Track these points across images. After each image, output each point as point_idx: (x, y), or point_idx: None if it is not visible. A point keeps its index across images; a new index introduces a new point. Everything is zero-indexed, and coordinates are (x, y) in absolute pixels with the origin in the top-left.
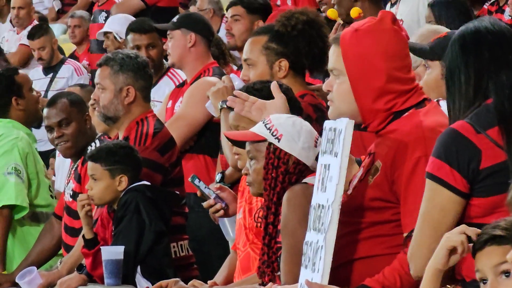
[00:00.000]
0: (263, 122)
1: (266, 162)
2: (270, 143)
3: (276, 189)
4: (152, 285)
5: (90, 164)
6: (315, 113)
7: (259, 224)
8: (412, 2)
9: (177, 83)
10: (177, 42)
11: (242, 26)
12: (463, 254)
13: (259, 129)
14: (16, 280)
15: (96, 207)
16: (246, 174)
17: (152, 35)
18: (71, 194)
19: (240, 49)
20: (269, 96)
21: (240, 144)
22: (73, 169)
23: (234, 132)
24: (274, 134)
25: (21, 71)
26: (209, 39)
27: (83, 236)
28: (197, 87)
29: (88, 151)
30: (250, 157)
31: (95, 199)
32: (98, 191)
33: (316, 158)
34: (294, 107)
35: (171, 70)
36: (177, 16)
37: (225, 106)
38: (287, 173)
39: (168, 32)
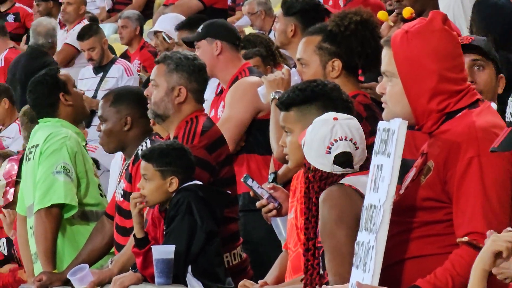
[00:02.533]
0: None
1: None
2: None
3: (310, 195)
4: (203, 285)
5: (143, 163)
6: (365, 112)
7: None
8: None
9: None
10: (205, 52)
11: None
12: (508, 258)
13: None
14: (68, 277)
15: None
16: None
17: None
18: (122, 193)
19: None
20: (312, 96)
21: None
22: (125, 168)
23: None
24: (303, 139)
25: (61, 70)
26: (235, 43)
27: (134, 235)
28: (237, 88)
29: (141, 150)
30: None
31: (146, 199)
32: (149, 191)
33: (336, 162)
34: (343, 107)
35: None
36: (201, 26)
37: (277, 97)
38: (309, 182)
39: (195, 43)
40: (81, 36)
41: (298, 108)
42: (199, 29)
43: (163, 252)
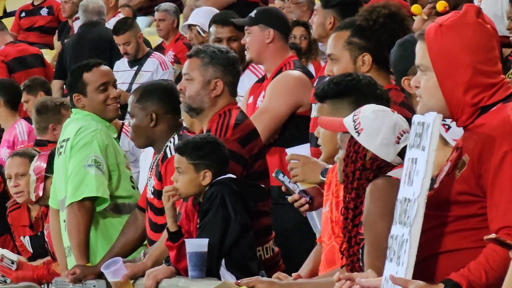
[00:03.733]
0: (354, 113)
1: (345, 154)
2: (352, 136)
3: (354, 184)
4: (237, 278)
5: (176, 156)
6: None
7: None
8: None
9: (259, 75)
10: (255, 38)
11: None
12: None
13: (347, 120)
14: (101, 270)
15: (181, 200)
16: (335, 162)
17: (234, 28)
18: (152, 191)
19: None
20: (345, 90)
21: None
22: (155, 164)
23: (325, 120)
24: (356, 127)
25: (97, 68)
26: (286, 34)
27: (167, 228)
28: (280, 80)
29: (169, 147)
30: (338, 146)
31: (179, 192)
32: (182, 184)
33: (400, 153)
34: (380, 98)
35: (253, 64)
36: (254, 11)
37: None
38: (363, 169)
39: (246, 28)
40: (116, 31)
41: (331, 101)
42: (252, 14)
43: (196, 245)
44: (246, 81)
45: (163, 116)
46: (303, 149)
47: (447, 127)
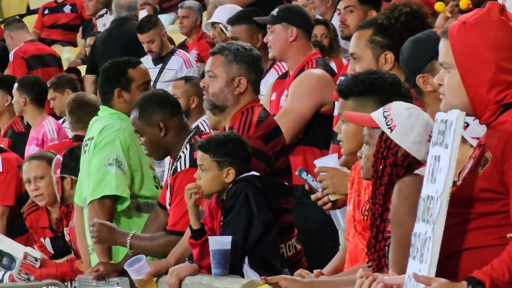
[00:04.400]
0: (383, 109)
1: (376, 150)
2: (383, 132)
3: (383, 179)
4: (260, 276)
5: (199, 153)
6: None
7: (365, 218)
8: None
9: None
10: (278, 36)
11: (356, 17)
12: None
13: (376, 116)
14: (125, 267)
15: (205, 197)
16: (360, 157)
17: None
18: (169, 203)
19: None
20: (370, 88)
21: None
22: (170, 174)
23: (353, 114)
24: (388, 123)
25: (141, 66)
26: (309, 32)
27: (190, 226)
28: (302, 80)
29: (182, 160)
30: (364, 141)
31: (202, 189)
32: (205, 181)
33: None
34: (404, 97)
35: (278, 63)
36: (276, 9)
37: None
38: (394, 165)
39: (268, 26)
40: (140, 29)
41: (356, 98)
42: (274, 13)
43: (219, 242)
44: (271, 80)
45: (169, 121)
46: (331, 161)
47: (465, 124)
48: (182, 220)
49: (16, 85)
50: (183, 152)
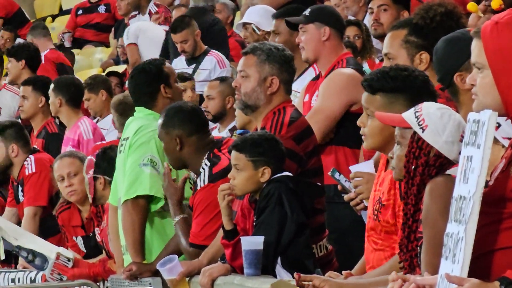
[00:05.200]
0: (415, 109)
1: (408, 150)
2: (415, 132)
3: (415, 179)
4: (292, 276)
5: (234, 153)
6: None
7: (374, 217)
8: None
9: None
10: (311, 36)
11: (390, 15)
12: None
13: (408, 116)
14: (157, 267)
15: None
16: (391, 158)
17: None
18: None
19: None
20: (401, 86)
21: None
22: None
23: (384, 114)
24: (420, 123)
25: (167, 63)
26: (342, 32)
27: (223, 226)
28: (332, 79)
29: (201, 177)
30: (396, 142)
31: (237, 189)
32: (240, 181)
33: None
34: (433, 96)
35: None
36: (309, 10)
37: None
38: (426, 165)
39: (300, 26)
40: (174, 29)
41: (385, 95)
42: (307, 13)
43: (252, 243)
44: (308, 79)
45: (187, 139)
46: (367, 166)
47: (497, 125)
48: (202, 233)
49: (52, 86)
50: (203, 168)
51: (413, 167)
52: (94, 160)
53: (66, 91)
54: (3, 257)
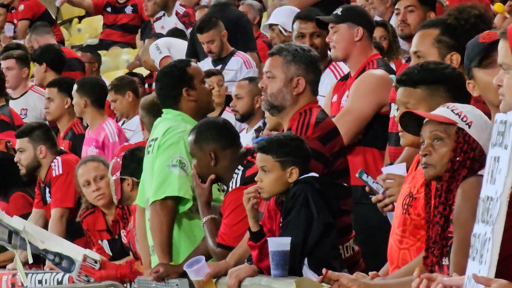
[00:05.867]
0: (448, 108)
1: (455, 145)
2: (459, 128)
3: (461, 173)
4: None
5: (260, 155)
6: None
7: (404, 211)
8: None
9: (339, 76)
10: (343, 36)
11: (417, 16)
12: None
13: (446, 113)
14: (184, 268)
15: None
16: (425, 155)
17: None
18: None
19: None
20: (442, 77)
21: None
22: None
23: (423, 112)
24: (464, 119)
25: (193, 63)
26: (372, 33)
27: (249, 228)
28: (363, 81)
29: (234, 183)
30: (435, 138)
31: (264, 191)
32: (268, 183)
33: None
34: (465, 94)
35: (334, 63)
36: (340, 9)
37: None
38: (474, 160)
39: (331, 25)
40: (200, 29)
41: (427, 87)
42: (339, 12)
43: (279, 244)
44: (326, 80)
45: (222, 153)
46: (399, 169)
47: None
48: (230, 234)
49: (75, 86)
50: (236, 173)
51: (459, 161)
52: (120, 161)
53: (91, 92)
54: (31, 261)
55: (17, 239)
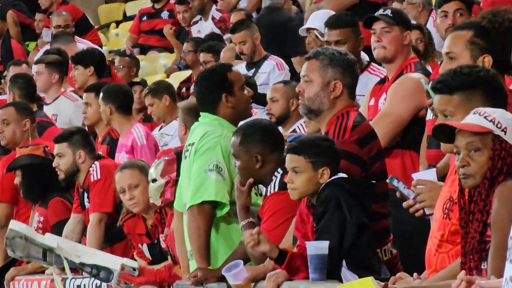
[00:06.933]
0: (479, 114)
1: (493, 153)
2: (494, 135)
3: (498, 179)
4: (359, 277)
5: (291, 156)
6: None
7: (445, 215)
8: None
9: (379, 78)
10: (396, 38)
11: (466, 19)
12: None
13: (479, 121)
14: (222, 272)
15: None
16: (463, 166)
17: (344, 30)
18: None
19: None
20: (478, 81)
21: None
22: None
23: (460, 123)
24: (498, 126)
25: (234, 68)
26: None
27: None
28: (401, 84)
29: (273, 185)
30: (472, 149)
31: (296, 192)
32: (300, 184)
33: None
34: (502, 96)
35: (372, 65)
36: (389, 11)
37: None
38: (511, 165)
39: (384, 25)
40: (232, 30)
41: (463, 92)
42: (388, 13)
43: (317, 248)
44: (368, 81)
45: (268, 157)
46: (430, 174)
47: None
48: (270, 239)
49: (101, 95)
50: (275, 176)
51: (498, 168)
52: (174, 162)
53: (115, 99)
54: (70, 277)
55: (52, 256)
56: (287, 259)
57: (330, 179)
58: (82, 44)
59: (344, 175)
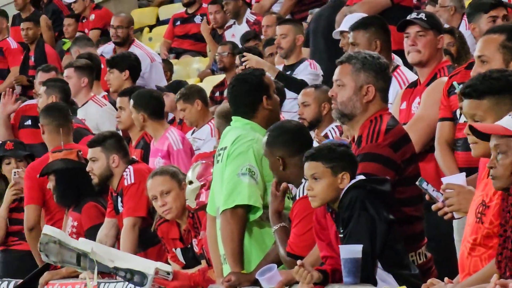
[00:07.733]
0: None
1: None
2: None
3: None
4: (394, 275)
5: (310, 163)
6: None
7: (477, 219)
8: None
9: (402, 83)
10: (431, 42)
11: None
12: None
13: (508, 123)
14: (256, 276)
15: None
16: (491, 168)
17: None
18: None
19: None
20: (507, 85)
21: (482, 136)
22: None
23: (482, 125)
24: None
25: (267, 73)
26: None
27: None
28: (434, 88)
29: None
30: (499, 151)
31: (316, 199)
32: (320, 190)
33: None
34: None
35: (398, 70)
36: (423, 15)
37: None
38: None
39: (419, 30)
40: (280, 20)
41: (493, 97)
42: (423, 17)
43: (351, 251)
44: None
45: (289, 160)
46: (458, 179)
47: None
48: (299, 244)
49: (131, 102)
50: (304, 179)
51: None
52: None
53: (146, 106)
54: (95, 283)
55: (86, 261)
56: (330, 278)
57: (350, 183)
58: (140, 49)
59: (362, 176)
